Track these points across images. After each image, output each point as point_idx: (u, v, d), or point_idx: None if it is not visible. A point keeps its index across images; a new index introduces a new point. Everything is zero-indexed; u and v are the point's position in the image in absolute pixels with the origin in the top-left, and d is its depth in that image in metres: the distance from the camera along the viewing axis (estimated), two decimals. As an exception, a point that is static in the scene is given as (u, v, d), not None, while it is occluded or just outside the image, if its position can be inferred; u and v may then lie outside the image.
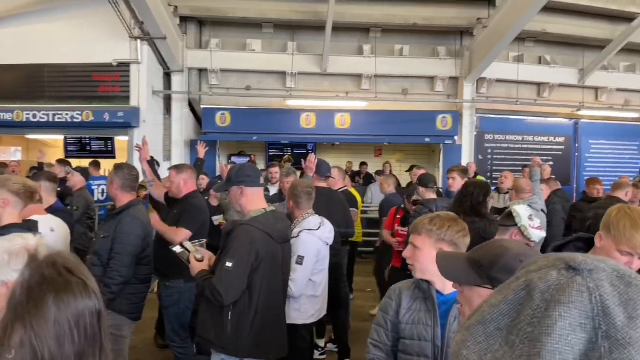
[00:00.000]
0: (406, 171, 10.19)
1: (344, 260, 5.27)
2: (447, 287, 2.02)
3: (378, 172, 10.25)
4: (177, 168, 4.19)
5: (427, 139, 10.46)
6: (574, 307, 0.54)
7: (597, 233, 2.17)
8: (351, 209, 5.58)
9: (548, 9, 9.60)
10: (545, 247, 3.60)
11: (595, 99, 11.40)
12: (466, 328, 0.63)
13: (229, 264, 2.62)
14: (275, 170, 6.14)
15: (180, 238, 3.60)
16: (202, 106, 10.27)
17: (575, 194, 10.40)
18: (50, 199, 4.12)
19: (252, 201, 2.89)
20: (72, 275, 1.15)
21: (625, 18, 10.11)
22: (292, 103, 10.17)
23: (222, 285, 2.61)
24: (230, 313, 2.69)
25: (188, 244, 2.93)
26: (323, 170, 5.03)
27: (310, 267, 3.54)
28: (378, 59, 10.03)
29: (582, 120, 11.40)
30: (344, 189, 6.03)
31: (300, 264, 3.43)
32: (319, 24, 9.44)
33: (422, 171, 5.72)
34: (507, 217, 3.28)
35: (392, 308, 2.08)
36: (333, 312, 4.91)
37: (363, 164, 11.67)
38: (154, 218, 3.92)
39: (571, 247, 2.20)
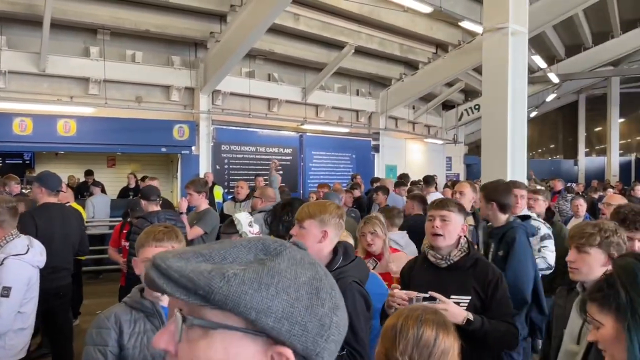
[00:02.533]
0: (140, 179, 9.82)
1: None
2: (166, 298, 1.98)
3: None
4: None
5: (164, 149, 10.24)
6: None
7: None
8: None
9: (275, 31, 10.51)
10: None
11: (315, 115, 12.90)
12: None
13: None
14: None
15: None
16: None
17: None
18: None
19: None
20: None
21: (338, 45, 11.73)
22: (2, 105, 8.69)
23: None
24: None
25: None
26: (53, 183, 4.43)
27: (20, 298, 3.07)
28: (108, 63, 9.36)
29: (307, 134, 12.76)
30: (67, 203, 5.53)
31: (7, 296, 2.95)
32: (35, 18, 8.32)
33: (150, 182, 5.55)
34: (229, 225, 3.41)
35: (111, 337, 1.91)
36: (55, 341, 4.37)
37: (88, 172, 10.50)
38: None
39: None
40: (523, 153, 5.33)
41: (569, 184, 14.58)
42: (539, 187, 6.28)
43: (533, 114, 21.83)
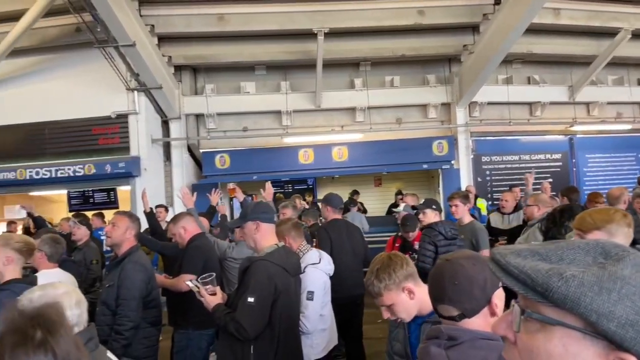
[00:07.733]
0: (396, 194, 10.58)
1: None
2: (425, 309, 2.11)
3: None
4: (172, 221, 4.32)
5: (425, 165, 10.57)
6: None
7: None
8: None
9: (532, 31, 9.83)
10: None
11: (587, 114, 11.54)
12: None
13: (250, 299, 2.68)
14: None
15: (183, 284, 3.65)
16: (201, 150, 10.42)
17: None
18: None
19: (266, 237, 2.98)
20: (39, 330, 1.17)
21: (609, 33, 10.33)
22: (289, 140, 10.33)
23: (246, 320, 2.67)
24: (252, 347, 2.73)
25: (194, 281, 3.00)
26: (336, 202, 5.18)
27: (320, 301, 3.60)
28: (370, 91, 10.25)
29: (577, 136, 11.50)
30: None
31: (311, 299, 3.50)
32: (310, 62, 9.68)
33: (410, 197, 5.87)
34: None
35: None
36: (350, 343, 4.94)
37: (355, 192, 11.28)
38: (158, 278, 3.99)
39: None
40: None
41: None
42: None
43: None
